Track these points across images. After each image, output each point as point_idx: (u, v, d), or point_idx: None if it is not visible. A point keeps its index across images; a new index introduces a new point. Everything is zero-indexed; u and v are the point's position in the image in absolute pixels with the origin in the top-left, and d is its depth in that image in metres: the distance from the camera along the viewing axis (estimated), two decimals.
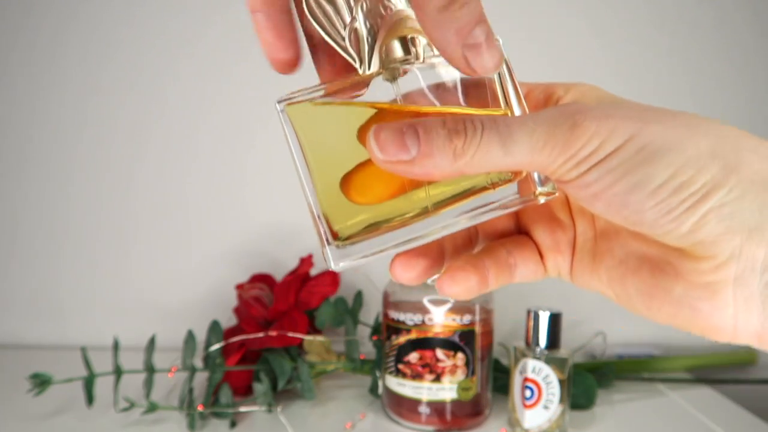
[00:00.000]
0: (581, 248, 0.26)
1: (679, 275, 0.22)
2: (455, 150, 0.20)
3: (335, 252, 0.24)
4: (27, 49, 0.77)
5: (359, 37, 0.23)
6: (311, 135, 0.23)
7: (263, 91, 0.78)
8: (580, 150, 0.20)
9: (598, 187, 0.21)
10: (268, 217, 0.79)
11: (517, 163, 0.21)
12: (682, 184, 0.20)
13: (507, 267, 0.26)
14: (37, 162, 0.78)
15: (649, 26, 0.78)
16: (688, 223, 0.20)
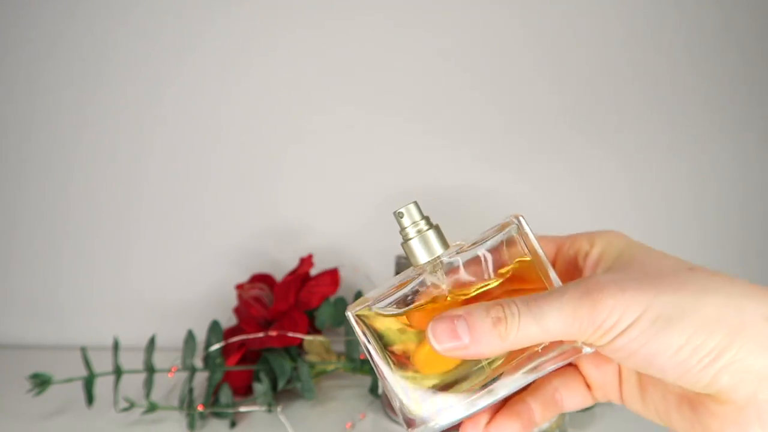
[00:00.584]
0: (627, 380, 0.30)
1: (713, 414, 0.25)
2: (500, 334, 0.25)
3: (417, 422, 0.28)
4: (26, 49, 0.76)
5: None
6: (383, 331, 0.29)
7: (264, 92, 0.78)
8: (603, 322, 0.24)
9: (625, 352, 0.25)
10: (268, 217, 0.79)
11: (553, 336, 0.25)
12: (695, 349, 0.23)
13: (554, 402, 0.30)
14: (36, 162, 0.78)
15: (649, 27, 0.78)
16: (706, 379, 0.24)
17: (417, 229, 0.28)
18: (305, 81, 0.77)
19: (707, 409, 0.25)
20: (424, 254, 0.28)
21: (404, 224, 0.29)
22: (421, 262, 0.28)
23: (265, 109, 0.78)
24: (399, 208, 0.29)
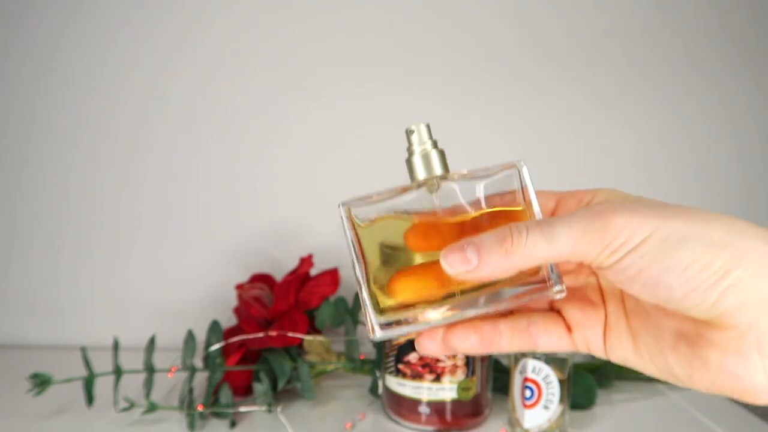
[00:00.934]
0: (615, 326, 0.29)
1: (712, 345, 0.25)
2: (506, 250, 0.25)
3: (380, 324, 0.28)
4: (26, 49, 0.76)
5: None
6: (368, 235, 0.29)
7: (265, 92, 0.78)
8: (613, 240, 0.24)
9: (633, 270, 0.25)
10: (268, 217, 0.79)
11: (561, 254, 0.25)
12: (704, 266, 0.24)
13: (526, 334, 0.29)
14: (36, 162, 0.78)
15: (648, 27, 0.78)
16: (711, 298, 0.24)
17: (422, 148, 0.29)
18: (306, 83, 0.77)
19: (706, 340, 0.25)
20: (423, 171, 0.29)
21: (412, 141, 0.30)
22: (420, 178, 0.29)
23: (265, 110, 0.78)
24: (411, 126, 0.30)
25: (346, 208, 0.29)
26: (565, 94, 0.78)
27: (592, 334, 0.29)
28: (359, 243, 0.29)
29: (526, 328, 0.29)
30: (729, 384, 0.25)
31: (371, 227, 0.29)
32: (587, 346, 0.30)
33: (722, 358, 0.25)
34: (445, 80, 0.77)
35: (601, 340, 0.29)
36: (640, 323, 0.28)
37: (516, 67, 0.78)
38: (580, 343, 0.30)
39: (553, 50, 0.78)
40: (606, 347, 0.29)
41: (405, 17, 0.77)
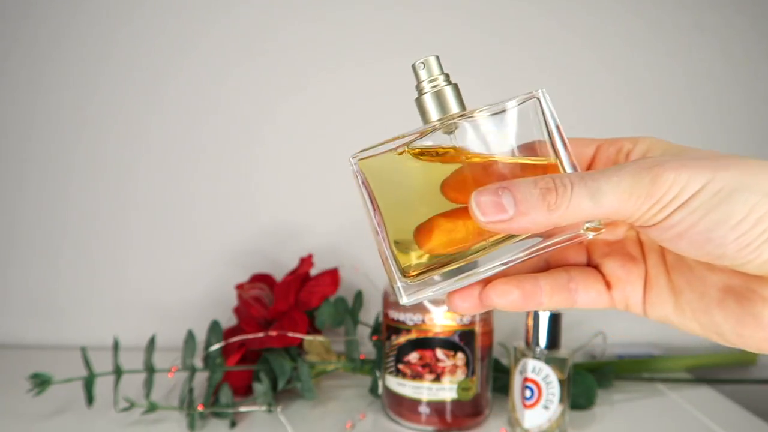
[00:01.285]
0: (655, 282, 0.28)
1: (766, 300, 0.24)
2: (549, 205, 0.23)
3: (405, 288, 0.26)
4: (26, 49, 0.77)
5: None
6: (385, 186, 0.26)
7: (266, 92, 0.78)
8: (663, 196, 0.23)
9: (682, 227, 0.23)
10: (269, 217, 0.79)
11: (605, 212, 0.23)
12: (759, 219, 0.22)
13: (566, 290, 0.28)
14: (36, 162, 0.78)
15: (648, 27, 0.78)
16: (766, 254, 0.22)
17: (434, 84, 0.26)
18: (306, 83, 0.77)
19: (760, 296, 0.24)
20: (437, 111, 0.26)
21: (421, 77, 0.27)
22: (433, 119, 0.26)
23: (265, 109, 0.78)
24: (419, 60, 0.27)
25: (357, 161, 0.26)
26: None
27: (632, 291, 0.28)
28: (373, 196, 0.26)
29: (566, 284, 0.28)
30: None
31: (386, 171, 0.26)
32: (626, 303, 0.28)
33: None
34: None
35: (641, 298, 0.28)
36: (682, 279, 0.27)
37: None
38: (619, 301, 0.28)
39: None
40: (646, 305, 0.28)
41: (403, 11, 0.77)
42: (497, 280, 0.27)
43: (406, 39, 0.77)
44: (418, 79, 0.27)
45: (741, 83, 0.78)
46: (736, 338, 0.25)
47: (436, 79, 0.27)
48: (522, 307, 0.27)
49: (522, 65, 0.77)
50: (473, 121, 0.26)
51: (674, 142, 0.27)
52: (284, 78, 0.77)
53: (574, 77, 0.78)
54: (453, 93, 0.26)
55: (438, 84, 0.26)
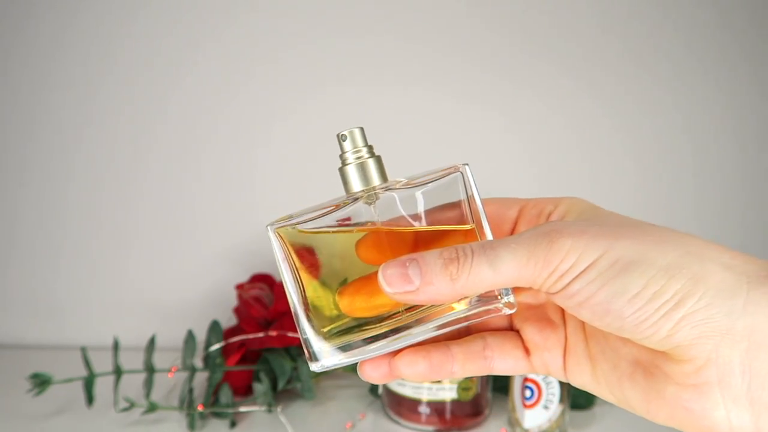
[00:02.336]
0: (574, 349, 0.27)
1: (669, 378, 0.23)
2: (451, 275, 0.23)
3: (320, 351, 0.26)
4: (27, 49, 0.76)
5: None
6: (304, 252, 0.27)
7: (266, 93, 0.78)
8: (559, 264, 0.22)
9: (581, 297, 0.23)
10: (269, 217, 0.78)
11: (506, 280, 0.23)
12: (656, 294, 0.22)
13: (481, 357, 0.27)
14: (37, 162, 0.78)
15: (647, 27, 0.78)
16: (665, 329, 0.22)
17: (357, 156, 0.27)
18: (306, 83, 0.77)
19: (663, 372, 0.23)
20: (359, 182, 0.27)
21: (345, 148, 0.27)
22: (355, 190, 0.27)
23: (265, 109, 0.78)
24: (343, 131, 0.27)
25: (275, 230, 0.27)
26: (565, 89, 0.78)
27: (550, 358, 0.27)
28: (295, 263, 0.27)
29: (480, 352, 0.27)
30: (687, 420, 0.23)
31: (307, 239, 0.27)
32: (546, 369, 0.28)
33: (679, 393, 0.23)
34: (443, 76, 0.77)
35: (561, 363, 0.27)
36: (598, 348, 0.26)
37: (514, 61, 0.78)
38: (539, 366, 0.28)
39: (553, 44, 0.78)
40: (566, 371, 0.27)
41: (400, 17, 0.77)
42: (407, 350, 0.26)
43: (408, 51, 0.77)
44: (342, 149, 0.27)
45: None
46: (645, 413, 0.24)
47: (360, 150, 0.27)
48: (431, 377, 0.26)
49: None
50: (394, 192, 0.27)
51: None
52: (285, 79, 0.77)
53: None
54: (375, 165, 0.27)
55: (361, 156, 0.27)
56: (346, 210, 0.27)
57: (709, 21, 0.78)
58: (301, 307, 0.26)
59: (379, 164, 0.27)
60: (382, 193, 0.27)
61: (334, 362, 0.26)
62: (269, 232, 0.27)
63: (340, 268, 0.27)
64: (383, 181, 0.27)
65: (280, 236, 0.27)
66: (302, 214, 0.27)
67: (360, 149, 0.27)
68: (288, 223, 0.27)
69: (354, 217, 0.27)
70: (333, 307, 0.26)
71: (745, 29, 0.78)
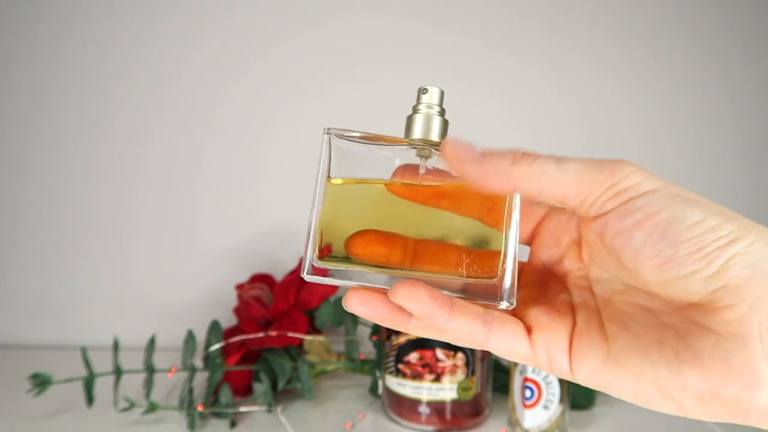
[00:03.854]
0: (585, 331, 0.25)
1: (707, 330, 0.22)
2: (515, 158, 0.23)
3: (313, 266, 0.26)
4: (28, 49, 0.77)
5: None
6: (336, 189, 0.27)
7: (266, 93, 0.78)
8: (624, 179, 0.23)
9: (641, 215, 0.22)
10: (269, 217, 0.79)
11: (566, 180, 0.23)
12: (714, 227, 0.21)
13: (480, 320, 0.25)
14: (37, 162, 0.78)
15: (646, 27, 0.78)
16: (717, 264, 0.21)
17: (428, 110, 0.28)
18: (306, 83, 0.77)
19: (699, 326, 0.22)
20: (420, 131, 0.27)
21: (421, 100, 0.28)
22: (414, 136, 0.28)
23: (265, 109, 0.78)
24: (426, 86, 0.28)
25: (329, 138, 0.27)
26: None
27: (554, 338, 0.25)
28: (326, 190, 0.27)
29: (480, 314, 0.25)
30: (723, 378, 0.21)
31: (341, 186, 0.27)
32: (547, 352, 0.25)
33: (718, 345, 0.21)
34: (446, 66, 0.77)
35: (566, 346, 0.25)
36: (617, 325, 0.25)
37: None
38: (540, 348, 0.25)
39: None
40: (572, 355, 0.25)
41: (401, 11, 0.77)
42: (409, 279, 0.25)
43: (406, 46, 0.77)
44: (418, 101, 0.28)
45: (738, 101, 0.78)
46: (673, 378, 0.22)
47: (433, 107, 0.28)
48: (426, 316, 0.24)
49: (523, 78, 0.77)
50: None
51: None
52: (285, 79, 0.77)
53: (579, 93, 0.78)
54: (441, 125, 0.28)
55: (432, 112, 0.28)
56: (399, 150, 0.27)
57: (712, 18, 0.78)
58: (315, 223, 0.27)
59: (444, 126, 0.28)
60: (436, 154, 0.27)
61: (321, 280, 0.26)
62: (324, 136, 0.27)
63: (361, 210, 0.27)
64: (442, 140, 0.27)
65: (329, 147, 0.27)
66: (358, 135, 0.28)
67: (433, 105, 0.28)
68: (343, 136, 0.28)
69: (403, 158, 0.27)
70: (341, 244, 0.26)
71: (750, 25, 0.78)
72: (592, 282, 0.27)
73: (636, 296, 0.25)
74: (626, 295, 0.25)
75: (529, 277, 0.29)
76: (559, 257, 0.29)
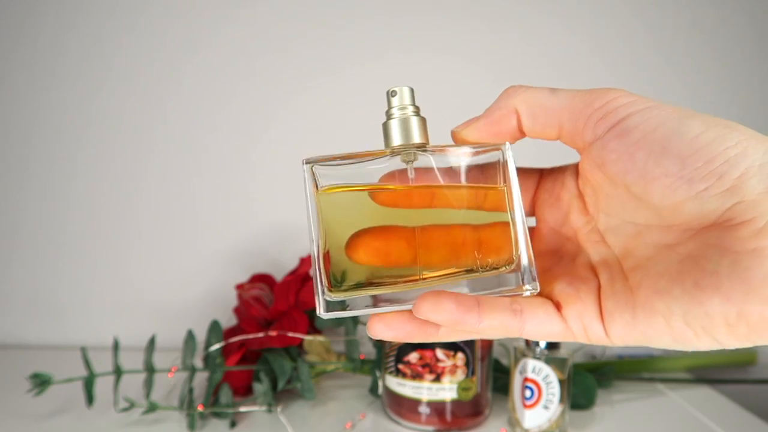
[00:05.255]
0: (610, 290, 0.24)
1: (724, 250, 0.20)
2: (513, 87, 0.25)
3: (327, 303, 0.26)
4: (28, 49, 0.77)
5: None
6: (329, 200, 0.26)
7: (266, 94, 0.78)
8: (614, 100, 0.23)
9: (639, 132, 0.21)
10: (269, 217, 0.79)
11: (559, 107, 0.24)
12: (716, 138, 0.20)
13: (509, 311, 0.24)
14: (37, 161, 0.78)
15: (647, 27, 0.78)
16: (731, 177, 0.20)
17: (402, 112, 0.27)
18: (306, 83, 0.77)
19: (717, 247, 0.20)
20: (399, 137, 0.27)
21: (392, 104, 0.27)
22: (395, 144, 0.27)
23: (265, 110, 0.78)
24: (393, 87, 0.27)
25: (310, 167, 0.26)
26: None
27: (584, 308, 0.24)
28: (319, 207, 0.26)
29: (508, 305, 0.24)
30: (744, 297, 0.19)
31: (332, 194, 0.26)
32: (581, 322, 0.24)
33: (737, 262, 0.19)
34: (444, 63, 0.77)
35: (597, 311, 0.24)
36: (641, 273, 0.23)
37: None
38: (573, 320, 0.24)
39: None
40: (604, 318, 0.24)
41: (398, 13, 0.77)
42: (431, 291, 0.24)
43: (407, 41, 0.77)
44: (389, 105, 0.27)
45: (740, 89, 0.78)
46: (697, 308, 0.21)
47: (406, 108, 0.27)
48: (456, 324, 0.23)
49: (524, 63, 0.77)
50: (433, 154, 0.26)
51: None
52: (285, 79, 0.77)
53: (576, 77, 0.78)
54: (419, 125, 0.27)
55: (407, 113, 0.27)
56: (382, 162, 0.26)
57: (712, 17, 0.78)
58: (318, 253, 0.26)
59: (423, 125, 0.27)
60: (421, 155, 0.26)
61: (339, 314, 0.25)
62: (303, 168, 0.26)
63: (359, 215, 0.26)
64: (424, 142, 0.27)
65: (312, 176, 0.26)
66: (337, 157, 0.26)
67: (406, 107, 0.27)
68: (321, 163, 0.26)
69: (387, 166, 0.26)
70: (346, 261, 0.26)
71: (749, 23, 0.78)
72: (604, 233, 0.26)
73: (651, 234, 0.24)
74: (641, 237, 0.24)
75: (540, 244, 0.29)
76: (565, 216, 0.28)
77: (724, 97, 0.79)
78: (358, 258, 0.25)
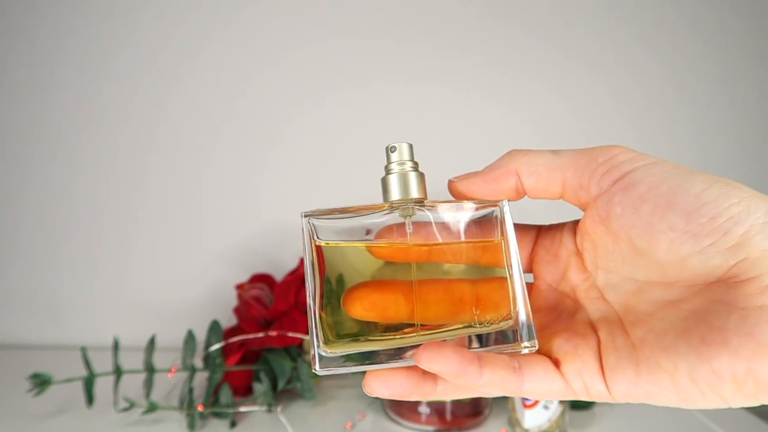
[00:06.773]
0: (611, 347, 0.24)
1: (731, 306, 0.20)
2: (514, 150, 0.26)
3: (322, 360, 0.26)
4: (29, 49, 0.77)
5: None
6: (326, 254, 0.26)
7: (268, 93, 0.78)
8: (617, 155, 0.23)
9: (644, 186, 0.22)
10: (269, 217, 0.79)
11: (562, 165, 0.24)
12: (720, 195, 0.20)
13: (509, 368, 0.24)
14: (38, 162, 0.78)
15: (647, 27, 0.78)
16: (736, 233, 0.20)
17: (401, 167, 0.27)
18: (306, 85, 0.77)
19: (723, 304, 0.20)
20: (398, 192, 0.27)
21: (392, 159, 0.28)
22: (393, 198, 0.27)
23: (266, 110, 0.78)
24: (393, 143, 0.28)
25: (308, 220, 0.26)
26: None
27: (583, 365, 0.24)
28: (319, 260, 0.26)
29: (507, 362, 0.24)
30: (754, 356, 0.19)
31: (330, 247, 0.26)
32: (582, 381, 0.24)
33: (744, 318, 0.19)
34: (452, 73, 0.77)
35: (598, 368, 0.24)
36: (644, 329, 0.23)
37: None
38: (573, 377, 0.24)
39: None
40: (605, 375, 0.23)
41: (399, 22, 0.77)
42: (431, 342, 0.23)
43: (410, 58, 0.77)
44: (388, 160, 0.28)
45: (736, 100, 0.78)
46: (704, 366, 0.20)
47: (405, 163, 0.27)
48: (456, 379, 0.23)
49: (522, 81, 0.77)
50: (431, 211, 0.27)
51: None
52: (286, 80, 0.77)
53: (571, 92, 0.78)
54: (417, 180, 0.27)
55: (406, 168, 0.27)
56: (380, 217, 0.26)
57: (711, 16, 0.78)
58: (314, 305, 0.26)
59: (422, 181, 0.27)
60: (419, 211, 0.27)
61: (335, 371, 0.25)
62: (302, 221, 0.26)
63: (357, 275, 0.26)
64: (422, 198, 0.27)
65: (311, 230, 0.26)
66: (336, 211, 0.26)
67: (405, 162, 0.27)
68: (321, 216, 0.26)
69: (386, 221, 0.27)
70: (344, 314, 0.26)
71: (747, 28, 0.78)
72: (603, 290, 0.26)
73: (652, 291, 0.24)
74: (642, 294, 0.24)
75: (538, 301, 0.29)
76: (562, 273, 0.28)
77: (722, 99, 0.79)
78: (355, 312, 0.25)
